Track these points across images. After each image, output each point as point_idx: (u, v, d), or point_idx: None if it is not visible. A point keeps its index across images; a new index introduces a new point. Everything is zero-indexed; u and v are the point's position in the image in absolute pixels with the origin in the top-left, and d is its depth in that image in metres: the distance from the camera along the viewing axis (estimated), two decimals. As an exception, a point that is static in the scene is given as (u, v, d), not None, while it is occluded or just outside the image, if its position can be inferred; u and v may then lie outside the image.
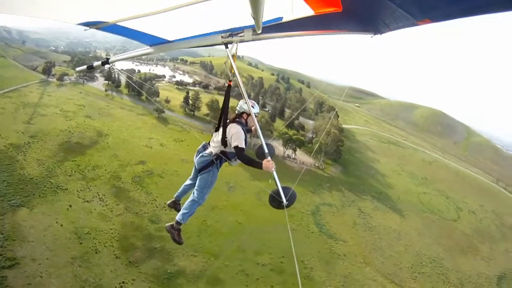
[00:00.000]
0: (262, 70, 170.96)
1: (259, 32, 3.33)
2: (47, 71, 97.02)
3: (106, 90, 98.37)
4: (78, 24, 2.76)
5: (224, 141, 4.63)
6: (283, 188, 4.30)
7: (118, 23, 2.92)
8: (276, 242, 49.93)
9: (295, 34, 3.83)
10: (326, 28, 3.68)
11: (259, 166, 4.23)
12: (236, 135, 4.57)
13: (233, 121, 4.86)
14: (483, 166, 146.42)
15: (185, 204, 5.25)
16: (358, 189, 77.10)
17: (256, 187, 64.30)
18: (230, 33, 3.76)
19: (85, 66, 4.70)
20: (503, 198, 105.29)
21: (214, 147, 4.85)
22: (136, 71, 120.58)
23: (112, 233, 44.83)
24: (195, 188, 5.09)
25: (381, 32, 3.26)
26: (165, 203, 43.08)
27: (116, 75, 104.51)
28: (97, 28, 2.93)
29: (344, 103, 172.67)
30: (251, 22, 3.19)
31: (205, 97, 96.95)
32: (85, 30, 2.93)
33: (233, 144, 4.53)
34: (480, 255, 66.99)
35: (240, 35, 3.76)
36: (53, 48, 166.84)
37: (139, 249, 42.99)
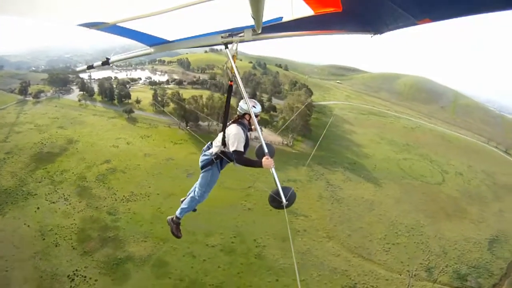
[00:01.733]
0: (241, 60, 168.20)
1: (259, 32, 3.30)
2: (23, 91, 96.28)
3: (79, 100, 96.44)
4: (78, 25, 2.65)
5: (224, 142, 4.51)
6: (283, 188, 4.15)
7: (118, 24, 2.78)
8: (229, 222, 49.03)
9: (295, 34, 3.71)
10: (326, 28, 3.54)
11: (258, 165, 4.17)
12: (234, 137, 4.42)
13: (234, 122, 4.74)
14: (472, 127, 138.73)
15: (186, 200, 5.35)
16: (328, 162, 71.91)
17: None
18: (230, 33, 3.65)
19: (85, 66, 4.52)
20: (495, 157, 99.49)
21: (216, 146, 4.76)
22: (113, 78, 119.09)
23: (72, 227, 46.35)
24: (197, 185, 5.05)
25: (381, 32, 3.15)
26: (124, 196, 40.97)
27: (90, 85, 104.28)
28: (97, 29, 2.80)
29: (325, 81, 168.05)
30: (251, 22, 3.09)
31: (185, 93, 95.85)
32: (87, 29, 2.78)
33: (230, 148, 4.38)
34: (468, 218, 61.17)
35: (240, 35, 3.65)
36: (33, 68, 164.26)
37: (94, 240, 44.11)
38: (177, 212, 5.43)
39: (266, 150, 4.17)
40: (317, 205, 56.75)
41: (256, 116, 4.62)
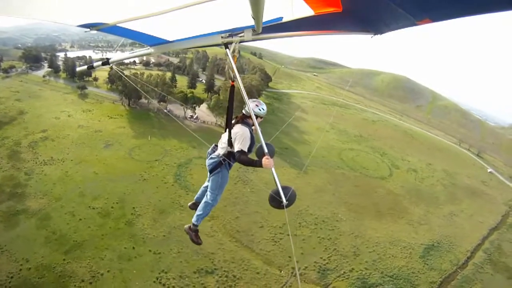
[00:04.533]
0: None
1: (259, 32, 3.21)
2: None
3: (44, 76, 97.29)
4: (79, 25, 2.56)
5: (230, 142, 4.35)
6: (283, 187, 4.00)
7: (118, 24, 2.72)
8: (119, 189, 48.00)
9: (295, 34, 3.53)
10: (326, 28, 3.37)
11: (258, 164, 3.95)
12: (240, 137, 4.27)
13: (239, 121, 4.53)
14: (447, 128, 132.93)
15: (200, 206, 5.12)
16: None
17: (132, 144, 62.38)
18: (230, 33, 3.51)
19: (85, 66, 4.60)
20: (463, 159, 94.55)
21: (222, 148, 4.58)
22: (87, 57, 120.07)
23: (-9, 184, 48.00)
24: (208, 189, 4.92)
25: (381, 32, 2.99)
26: (43, 160, 53.54)
27: (59, 63, 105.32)
28: (98, 30, 2.72)
29: (301, 72, 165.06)
30: (251, 22, 2.96)
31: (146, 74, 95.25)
32: (85, 31, 2.72)
33: (236, 148, 4.23)
34: (406, 218, 54.33)
35: (240, 35, 3.51)
36: (19, 45, 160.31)
37: (5, 193, 45.28)
38: (193, 220, 5.18)
39: (266, 150, 3.94)
40: None
41: (261, 117, 4.58)
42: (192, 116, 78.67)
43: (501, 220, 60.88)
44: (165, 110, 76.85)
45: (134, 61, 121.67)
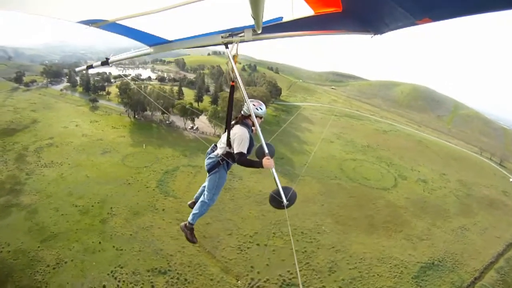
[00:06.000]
0: (240, 63, 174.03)
1: (259, 32, 3.25)
2: (18, 79, 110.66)
3: (61, 90, 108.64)
4: (78, 22, 2.69)
5: (229, 142, 4.48)
6: (283, 188, 4.20)
7: (118, 22, 2.84)
8: (104, 191, 52.23)
9: (295, 34, 3.69)
10: (326, 28, 3.53)
11: (259, 165, 4.13)
12: (239, 138, 4.36)
13: (239, 122, 4.62)
14: (468, 137, 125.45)
15: (196, 205, 5.25)
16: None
17: (128, 152, 67.58)
18: (230, 33, 3.65)
19: (85, 66, 4.67)
20: (483, 167, 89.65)
21: (221, 148, 4.69)
22: (108, 73, 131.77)
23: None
24: (205, 189, 5.02)
25: (381, 32, 3.13)
26: (45, 163, 60.47)
27: (77, 78, 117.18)
28: (97, 27, 2.86)
29: (319, 86, 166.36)
30: (251, 22, 3.10)
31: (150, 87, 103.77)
32: (85, 28, 2.83)
33: (235, 150, 4.32)
34: (405, 232, 50.80)
35: (240, 35, 3.65)
36: (47, 62, 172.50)
37: (5, 190, 51.76)
38: (189, 218, 5.29)
39: (266, 151, 4.13)
40: (197, 190, 55.58)
41: (261, 117, 4.66)
42: (192, 127, 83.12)
43: (523, 234, 54.83)
44: (167, 121, 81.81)
45: (149, 77, 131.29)
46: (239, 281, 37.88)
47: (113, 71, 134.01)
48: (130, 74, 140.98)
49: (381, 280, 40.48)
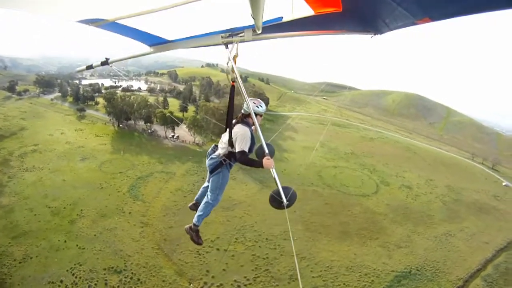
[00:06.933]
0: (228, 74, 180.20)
1: (259, 32, 3.29)
2: (11, 88, 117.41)
3: (51, 100, 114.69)
4: (77, 21, 2.75)
5: (230, 142, 4.55)
6: (283, 188, 4.30)
7: (117, 21, 2.89)
8: (78, 195, 55.97)
9: (295, 34, 3.78)
10: (326, 28, 3.62)
11: (259, 165, 4.22)
12: (240, 137, 4.46)
13: (239, 121, 4.72)
14: (459, 143, 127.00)
15: (200, 206, 5.29)
16: None
17: (106, 159, 71.49)
18: (230, 33, 3.73)
19: (84, 66, 4.74)
20: (474, 173, 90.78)
21: (222, 148, 4.81)
22: (100, 84, 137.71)
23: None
24: (208, 190, 5.11)
25: (381, 32, 3.22)
26: (26, 167, 65.06)
27: (68, 89, 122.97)
28: (97, 26, 2.92)
29: (311, 96, 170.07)
30: (251, 22, 3.16)
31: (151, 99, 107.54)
32: (88, 26, 2.88)
33: (237, 148, 4.43)
34: (382, 240, 50.51)
35: (240, 35, 3.73)
36: (43, 72, 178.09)
37: None
38: (194, 220, 5.34)
39: (266, 151, 4.22)
40: (167, 195, 58.02)
41: (260, 115, 4.82)
42: (173, 136, 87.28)
43: (514, 239, 54.76)
44: (149, 130, 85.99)
45: (139, 88, 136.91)
46: (191, 284, 39.10)
47: (106, 82, 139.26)
48: (121, 85, 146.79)
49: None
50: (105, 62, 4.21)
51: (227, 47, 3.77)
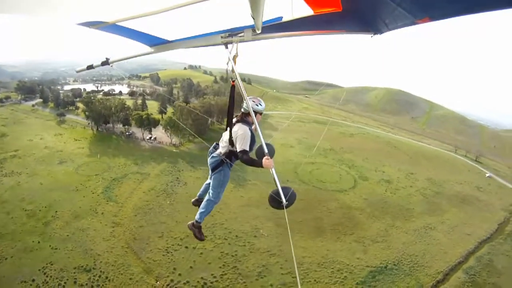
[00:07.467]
0: (213, 75, 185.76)
1: (259, 32, 3.35)
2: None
3: (33, 106, 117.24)
4: (78, 24, 2.79)
5: (231, 141, 4.67)
6: (282, 188, 4.40)
7: (117, 23, 2.93)
8: (53, 197, 57.84)
9: (295, 34, 3.83)
10: (326, 28, 3.67)
11: (259, 164, 4.32)
12: (241, 136, 4.60)
13: (240, 120, 4.85)
14: (442, 136, 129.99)
15: (202, 204, 5.48)
16: (200, 162, 73.66)
17: (83, 162, 73.90)
18: (230, 33, 3.78)
19: (85, 66, 4.69)
20: (456, 165, 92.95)
21: (223, 147, 4.93)
22: (82, 89, 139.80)
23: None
24: (210, 188, 5.26)
25: (381, 32, 3.26)
26: (6, 172, 66.93)
27: (49, 95, 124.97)
28: (97, 28, 2.96)
29: (293, 95, 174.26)
30: (251, 22, 3.22)
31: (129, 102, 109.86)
32: (89, 28, 2.95)
33: (238, 148, 4.57)
34: (357, 235, 50.50)
35: (240, 35, 3.79)
36: (26, 79, 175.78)
37: None
38: (196, 217, 5.55)
39: (266, 151, 4.33)
40: (140, 195, 59.80)
41: (260, 114, 4.92)
42: (150, 138, 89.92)
43: (497, 229, 56.33)
44: (127, 133, 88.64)
45: (120, 91, 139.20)
46: (158, 282, 40.08)
47: (88, 87, 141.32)
48: (103, 90, 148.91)
49: (319, 286, 40.02)
50: (106, 62, 4.26)
51: (226, 47, 3.87)
